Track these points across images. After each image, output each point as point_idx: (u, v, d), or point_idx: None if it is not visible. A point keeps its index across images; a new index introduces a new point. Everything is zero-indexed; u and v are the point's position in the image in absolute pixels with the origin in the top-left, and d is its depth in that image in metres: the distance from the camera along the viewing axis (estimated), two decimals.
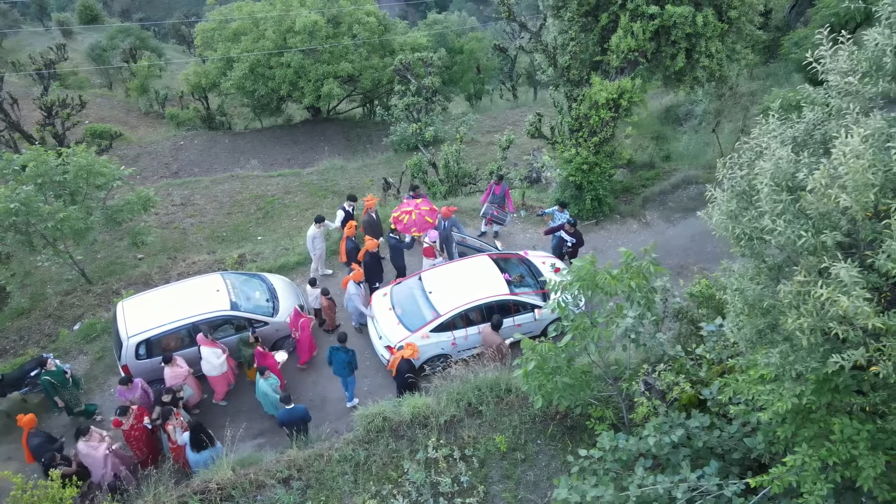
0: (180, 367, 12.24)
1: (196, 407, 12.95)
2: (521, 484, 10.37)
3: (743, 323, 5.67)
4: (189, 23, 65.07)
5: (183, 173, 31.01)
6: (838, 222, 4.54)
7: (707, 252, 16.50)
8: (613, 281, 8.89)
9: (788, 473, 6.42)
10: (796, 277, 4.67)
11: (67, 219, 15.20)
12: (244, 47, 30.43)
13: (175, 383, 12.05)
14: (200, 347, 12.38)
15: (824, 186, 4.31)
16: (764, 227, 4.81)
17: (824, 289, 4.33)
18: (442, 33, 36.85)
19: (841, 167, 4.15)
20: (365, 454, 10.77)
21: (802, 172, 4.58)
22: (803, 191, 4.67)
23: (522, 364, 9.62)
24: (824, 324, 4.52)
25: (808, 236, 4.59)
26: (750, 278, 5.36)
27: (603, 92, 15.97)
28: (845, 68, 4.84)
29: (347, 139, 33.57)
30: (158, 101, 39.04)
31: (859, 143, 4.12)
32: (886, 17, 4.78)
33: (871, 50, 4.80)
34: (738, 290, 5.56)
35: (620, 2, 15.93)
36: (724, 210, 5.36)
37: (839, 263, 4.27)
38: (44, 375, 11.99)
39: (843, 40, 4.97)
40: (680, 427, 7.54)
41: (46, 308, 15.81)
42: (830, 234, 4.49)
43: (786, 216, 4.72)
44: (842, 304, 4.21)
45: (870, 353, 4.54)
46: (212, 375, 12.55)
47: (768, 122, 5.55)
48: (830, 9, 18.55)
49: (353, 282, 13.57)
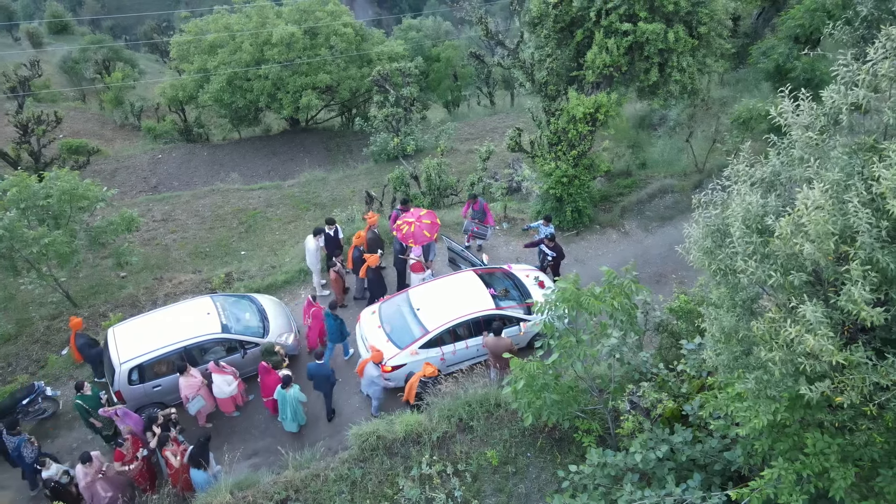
0: (194, 378, 12.51)
1: (209, 420, 13.25)
2: (512, 497, 10.74)
3: (720, 350, 6.08)
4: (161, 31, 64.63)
5: (162, 187, 30.91)
6: (803, 264, 4.95)
7: (684, 260, 16.96)
8: (597, 301, 9.31)
9: (767, 486, 6.85)
10: (767, 314, 5.08)
11: (53, 243, 15.24)
12: (221, 60, 30.43)
13: (189, 393, 12.34)
14: (212, 375, 12.62)
15: (790, 234, 4.72)
16: (737, 266, 5.22)
17: (793, 327, 4.74)
18: (419, 41, 37.12)
19: (804, 218, 4.56)
20: (360, 472, 11.06)
21: (770, 218, 4.99)
22: (771, 234, 5.09)
23: (512, 382, 10.03)
24: (794, 357, 4.94)
25: (776, 276, 5.00)
26: (726, 309, 5.77)
27: (580, 106, 16.43)
28: (805, 122, 5.26)
29: (327, 149, 33.71)
30: (134, 114, 38.79)
31: (819, 195, 4.53)
32: (841, 78, 5.20)
33: (828, 106, 5.22)
34: (715, 319, 5.97)
35: (595, 19, 16.41)
36: (700, 246, 5.76)
37: (806, 304, 4.69)
38: (77, 399, 12.08)
39: (803, 98, 5.40)
40: (664, 443, 7.96)
41: (33, 333, 15.84)
42: (797, 274, 4.91)
43: (756, 256, 5.13)
44: (808, 343, 4.63)
45: (835, 384, 4.97)
46: (223, 398, 12.85)
47: (738, 163, 5.97)
48: (796, 20, 19.19)
49: (373, 363, 12.73)
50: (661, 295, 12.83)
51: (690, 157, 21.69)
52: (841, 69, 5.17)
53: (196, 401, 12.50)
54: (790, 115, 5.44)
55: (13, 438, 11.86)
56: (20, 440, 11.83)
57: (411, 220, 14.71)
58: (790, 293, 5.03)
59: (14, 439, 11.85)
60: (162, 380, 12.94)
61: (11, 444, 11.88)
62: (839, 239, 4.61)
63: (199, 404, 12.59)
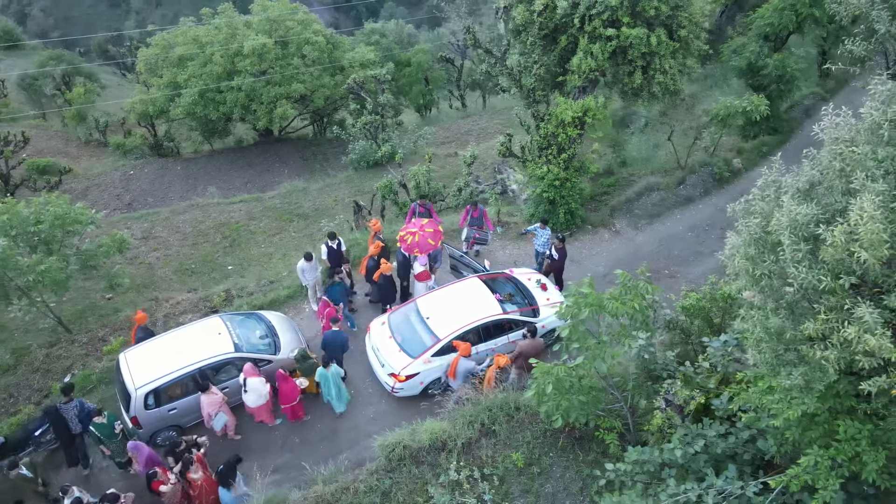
0: (216, 395, 12.56)
1: (237, 433, 13.35)
2: (540, 497, 11.06)
3: (764, 349, 6.50)
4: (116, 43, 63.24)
5: (137, 204, 30.42)
6: (852, 268, 5.38)
7: (675, 255, 17.65)
8: (619, 304, 9.70)
9: (804, 472, 7.30)
10: (819, 316, 5.50)
11: (49, 270, 15.00)
12: (192, 73, 30.08)
13: (212, 410, 12.43)
14: (247, 379, 12.66)
15: (844, 242, 5.13)
16: (787, 272, 5.63)
17: (851, 328, 5.16)
18: (388, 46, 37.24)
19: (859, 228, 4.98)
20: (390, 483, 11.25)
21: (821, 227, 5.41)
22: (817, 240, 5.51)
23: (537, 386, 10.35)
24: (850, 356, 5.37)
25: (827, 280, 5.42)
26: (771, 311, 6.17)
27: (569, 111, 16.86)
28: (847, 137, 5.70)
29: (303, 158, 33.61)
30: (99, 129, 37.98)
31: (871, 206, 4.95)
32: (879, 95, 5.66)
33: (867, 122, 5.67)
34: (758, 321, 6.37)
35: (579, 25, 16.86)
36: (743, 254, 6.16)
37: (862, 306, 5.11)
38: (91, 426, 11.99)
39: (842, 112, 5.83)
40: (700, 437, 8.38)
41: (32, 362, 15.56)
42: (847, 278, 5.34)
43: (805, 263, 5.54)
44: (869, 342, 5.05)
45: (891, 378, 5.41)
46: (256, 405, 12.91)
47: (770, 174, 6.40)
48: (765, 19, 19.99)
49: (464, 357, 13.20)
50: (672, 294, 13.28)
51: (669, 154, 22.38)
52: (878, 87, 5.62)
53: (219, 417, 12.60)
54: (831, 129, 5.87)
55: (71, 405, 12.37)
56: (79, 401, 12.52)
57: (414, 231, 14.92)
58: (840, 296, 5.45)
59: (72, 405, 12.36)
60: (177, 402, 12.90)
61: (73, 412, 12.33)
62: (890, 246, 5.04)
63: (223, 420, 12.70)
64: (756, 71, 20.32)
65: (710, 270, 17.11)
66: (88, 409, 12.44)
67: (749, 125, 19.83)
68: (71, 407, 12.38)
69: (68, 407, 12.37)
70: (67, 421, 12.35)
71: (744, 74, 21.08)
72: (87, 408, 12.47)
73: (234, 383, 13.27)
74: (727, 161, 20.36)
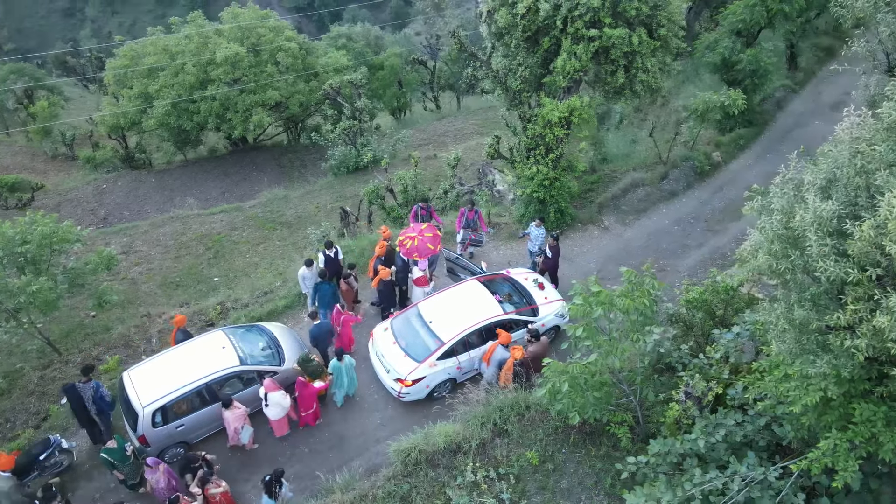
0: (239, 409, 12.58)
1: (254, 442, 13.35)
2: (556, 493, 11.28)
3: (787, 340, 6.79)
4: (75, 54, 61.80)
5: (112, 219, 29.86)
6: (877, 260, 5.68)
7: (663, 249, 18.08)
8: (629, 301, 9.97)
9: (824, 455, 7.63)
10: (848, 307, 5.81)
11: (41, 291, 14.72)
12: (163, 83, 29.64)
13: (238, 424, 12.49)
14: (268, 393, 12.66)
15: (872, 236, 5.43)
16: (813, 266, 5.92)
17: (884, 317, 5.46)
18: (361, 51, 37.18)
19: (889, 223, 5.28)
20: (408, 487, 11.35)
21: (847, 223, 5.71)
22: (843, 235, 5.81)
23: (552, 385, 10.56)
24: (881, 343, 5.67)
25: (854, 272, 5.73)
26: (795, 304, 6.47)
27: (555, 111, 17.14)
28: (868, 137, 6.02)
29: (280, 166, 33.37)
30: (66, 143, 37.15)
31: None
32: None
33: (886, 122, 5.99)
34: (781, 313, 6.67)
35: (561, 27, 17.13)
36: (767, 250, 6.44)
37: (893, 296, 5.42)
38: (102, 452, 11.83)
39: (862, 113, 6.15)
40: (721, 427, 8.68)
41: (27, 385, 15.22)
42: (873, 270, 5.65)
43: (832, 257, 5.84)
44: None
45: None
46: (278, 419, 13.02)
47: (788, 172, 6.71)
48: (737, 16, 20.57)
49: (502, 346, 13.45)
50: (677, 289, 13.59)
51: (648, 149, 22.86)
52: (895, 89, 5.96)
53: (245, 430, 12.64)
54: (850, 129, 6.18)
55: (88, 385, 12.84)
56: (96, 383, 13.03)
57: (413, 235, 15.03)
58: (867, 287, 5.76)
59: (89, 385, 12.84)
60: (185, 419, 12.78)
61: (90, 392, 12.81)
62: None
63: (249, 432, 12.76)
64: (730, 66, 20.91)
65: (698, 263, 17.65)
66: (102, 394, 12.99)
67: (726, 119, 20.39)
68: (88, 387, 12.83)
69: (86, 387, 12.81)
70: (84, 400, 12.83)
71: (718, 70, 21.66)
72: (101, 391, 13.00)
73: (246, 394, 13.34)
74: (707, 154, 20.91)
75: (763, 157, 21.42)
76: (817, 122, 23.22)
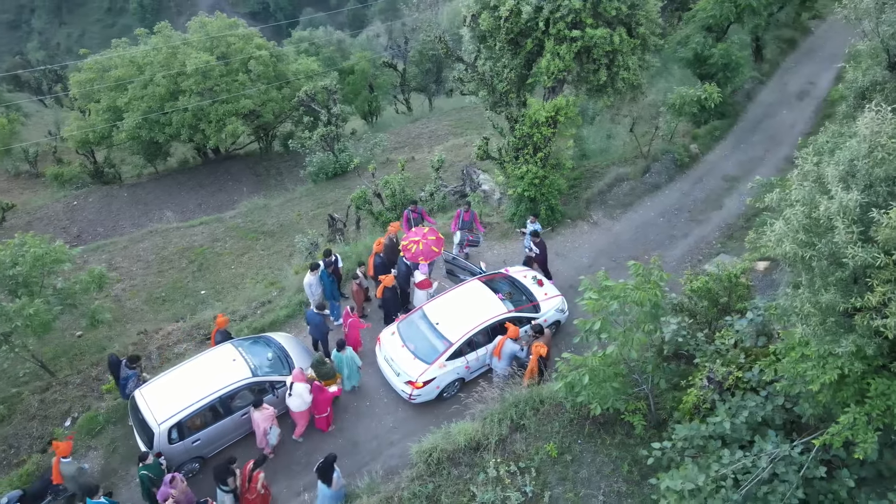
0: (268, 409, 12.72)
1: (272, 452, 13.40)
2: (577, 483, 11.63)
3: (813, 322, 7.24)
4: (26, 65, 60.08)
5: (87, 236, 29.27)
6: None
7: (651, 241, 18.63)
8: (642, 293, 10.36)
9: (844, 430, 8.12)
10: (877, 289, 6.26)
11: (37, 314, 14.47)
12: (133, 95, 29.18)
13: (267, 425, 12.62)
14: (293, 384, 12.87)
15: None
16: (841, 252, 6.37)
17: None
18: (331, 56, 37.11)
19: None
20: (433, 487, 11.56)
21: (873, 211, 6.16)
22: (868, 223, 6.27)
23: (572, 378, 10.89)
24: None
25: (882, 257, 6.18)
26: (822, 289, 6.91)
27: (542, 111, 17.50)
28: (889, 131, 6.48)
29: (256, 175, 33.13)
30: (28, 160, 36.19)
31: None
32: None
33: None
34: (806, 298, 7.10)
35: (544, 28, 17.49)
36: (793, 239, 6.86)
37: None
38: (141, 470, 11.72)
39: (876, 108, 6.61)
40: (743, 408, 9.12)
41: (27, 410, 14.92)
42: None
43: (858, 244, 6.28)
44: None
45: None
46: (299, 411, 13.11)
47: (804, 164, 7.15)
48: (707, 12, 21.28)
49: (511, 340, 13.71)
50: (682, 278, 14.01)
51: (625, 144, 23.46)
52: None
53: (273, 431, 12.77)
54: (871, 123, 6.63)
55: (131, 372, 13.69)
56: (133, 374, 13.70)
57: (417, 239, 15.21)
58: (893, 270, 6.22)
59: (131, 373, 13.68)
60: (200, 433, 12.77)
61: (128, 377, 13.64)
62: None
63: (276, 433, 12.91)
64: (703, 61, 21.62)
65: (686, 252, 18.25)
66: (135, 387, 13.43)
67: (701, 112, 21.08)
68: (129, 374, 13.67)
69: (127, 371, 13.70)
70: (119, 377, 13.85)
71: (691, 64, 22.36)
72: (133, 385, 13.56)
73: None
74: (685, 147, 21.59)
75: (737, 147, 22.22)
76: (785, 111, 24.17)
